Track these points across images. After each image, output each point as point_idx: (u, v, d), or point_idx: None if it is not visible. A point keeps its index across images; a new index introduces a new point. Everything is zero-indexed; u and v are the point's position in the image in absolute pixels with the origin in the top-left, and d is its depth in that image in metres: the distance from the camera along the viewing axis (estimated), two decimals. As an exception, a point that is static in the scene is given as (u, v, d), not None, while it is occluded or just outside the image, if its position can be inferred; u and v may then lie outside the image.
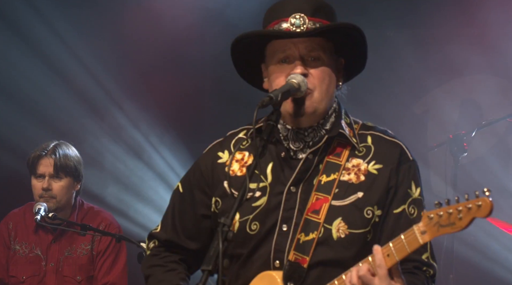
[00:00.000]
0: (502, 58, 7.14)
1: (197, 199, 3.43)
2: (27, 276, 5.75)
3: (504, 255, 6.96)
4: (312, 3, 3.26)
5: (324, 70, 3.24)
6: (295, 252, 3.17)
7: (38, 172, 5.71)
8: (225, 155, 3.44)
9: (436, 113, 7.44)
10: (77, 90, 7.36)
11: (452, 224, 2.84)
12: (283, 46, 3.25)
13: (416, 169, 3.29)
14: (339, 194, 3.20)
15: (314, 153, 3.27)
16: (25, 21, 7.21)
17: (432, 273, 3.21)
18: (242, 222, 3.26)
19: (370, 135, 3.32)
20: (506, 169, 7.29)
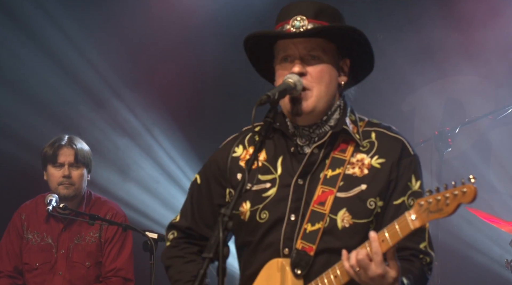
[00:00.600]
0: (484, 61, 7.15)
1: (213, 190, 3.46)
2: (39, 263, 5.79)
3: (485, 243, 6.98)
4: (316, 7, 3.28)
5: (323, 69, 3.25)
6: (302, 240, 3.20)
7: (58, 161, 5.76)
8: (239, 149, 3.46)
9: (422, 111, 7.46)
10: (84, 86, 7.35)
11: (440, 210, 2.88)
12: (285, 46, 3.27)
13: (417, 163, 3.30)
14: (343, 187, 3.22)
15: (319, 147, 3.29)
16: (33, 19, 7.21)
17: (429, 260, 3.23)
18: (253, 211, 3.31)
19: (374, 132, 3.32)
20: (487, 163, 7.32)
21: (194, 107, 7.60)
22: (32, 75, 7.28)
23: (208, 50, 7.49)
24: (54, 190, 5.76)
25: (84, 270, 5.78)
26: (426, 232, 3.23)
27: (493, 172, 7.28)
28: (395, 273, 2.99)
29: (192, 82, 7.54)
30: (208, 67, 7.61)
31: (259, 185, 3.32)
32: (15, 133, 7.10)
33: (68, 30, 7.25)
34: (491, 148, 7.33)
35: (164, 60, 7.43)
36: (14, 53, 7.22)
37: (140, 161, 7.50)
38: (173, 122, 7.47)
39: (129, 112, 7.45)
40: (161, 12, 7.39)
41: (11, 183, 7.10)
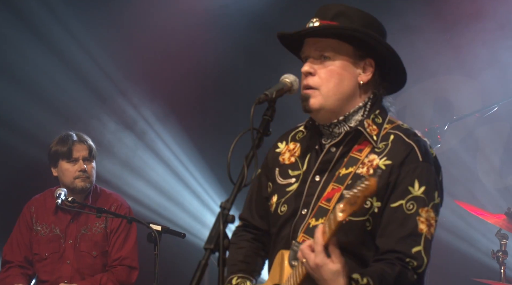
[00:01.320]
0: (471, 61, 7.15)
1: (263, 183, 3.46)
2: (49, 253, 5.80)
3: (472, 234, 6.98)
4: (337, 9, 3.24)
5: (333, 69, 3.20)
6: (304, 234, 3.18)
7: (73, 156, 5.77)
8: (282, 145, 3.45)
9: (412, 109, 7.45)
10: (89, 84, 7.35)
11: (355, 203, 2.83)
12: (303, 47, 3.27)
13: (424, 170, 3.13)
14: (350, 185, 3.13)
15: (336, 146, 3.25)
16: (40, 18, 7.18)
17: (416, 264, 3.07)
18: (277, 203, 3.32)
19: (393, 134, 3.21)
20: (474, 158, 7.32)
21: (196, 104, 7.60)
22: (39, 73, 7.26)
23: (210, 50, 7.48)
24: (70, 184, 5.77)
25: (91, 259, 5.78)
26: (423, 237, 3.10)
27: (480, 166, 7.29)
28: (336, 267, 2.91)
29: (195, 80, 7.53)
30: (210, 67, 7.60)
31: (287, 180, 3.33)
32: (23, 129, 7.10)
33: (75, 29, 7.25)
34: (478, 144, 7.33)
35: (168, 58, 7.42)
36: (22, 51, 7.21)
37: (144, 156, 7.49)
38: (176, 119, 7.47)
39: (133, 108, 7.44)
40: (165, 13, 7.38)
41: (20, 177, 7.09)
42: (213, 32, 7.43)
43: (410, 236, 3.08)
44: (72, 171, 5.77)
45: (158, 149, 7.47)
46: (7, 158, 7.16)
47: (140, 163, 7.48)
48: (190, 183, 7.44)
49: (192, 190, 7.44)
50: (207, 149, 7.41)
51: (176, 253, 6.75)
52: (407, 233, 3.09)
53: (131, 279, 5.80)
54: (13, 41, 7.20)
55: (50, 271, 5.76)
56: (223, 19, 7.32)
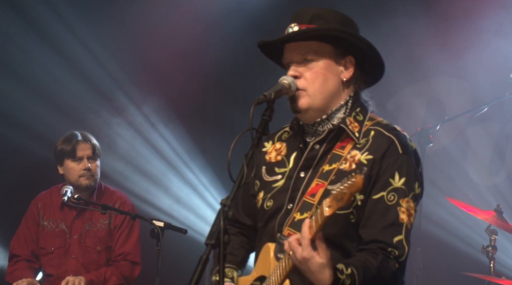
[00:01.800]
0: (462, 63, 7.15)
1: (250, 182, 3.43)
2: (55, 248, 5.80)
3: (463, 230, 6.98)
4: (314, 12, 3.25)
5: (317, 70, 3.22)
6: (289, 228, 3.20)
7: (77, 156, 5.77)
8: (269, 145, 3.47)
9: (406, 110, 7.46)
10: (93, 84, 7.32)
11: (342, 199, 2.85)
12: (285, 53, 3.28)
13: (404, 162, 3.16)
14: (334, 180, 3.15)
15: (319, 143, 3.27)
16: (46, 21, 7.15)
17: (398, 254, 3.10)
18: (263, 199, 3.33)
19: (374, 130, 3.23)
20: (465, 157, 7.32)
21: (198, 104, 7.60)
22: (45, 74, 7.24)
23: (211, 51, 7.48)
24: (75, 182, 5.76)
25: (96, 254, 5.79)
26: (404, 226, 3.12)
27: (470, 165, 7.29)
28: (322, 260, 2.93)
29: (196, 81, 7.53)
30: (211, 68, 7.60)
31: (273, 177, 3.34)
32: (29, 128, 7.08)
33: (80, 31, 7.23)
34: (469, 144, 7.33)
35: (171, 59, 7.41)
36: (28, 52, 7.19)
37: (146, 154, 7.48)
38: (178, 119, 7.46)
39: (135, 108, 7.44)
40: (168, 15, 7.38)
41: (27, 174, 7.09)
42: (215, 34, 7.43)
43: (391, 226, 3.10)
44: (77, 169, 5.77)
45: (161, 147, 7.46)
46: (14, 155, 7.16)
47: (143, 162, 7.47)
48: (192, 181, 7.44)
49: (193, 187, 7.44)
50: (208, 148, 7.41)
51: (178, 248, 6.75)
52: (388, 223, 3.11)
53: (133, 274, 5.81)
54: (19, 42, 7.18)
55: (56, 265, 5.76)
56: (224, 22, 7.32)
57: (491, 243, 5.87)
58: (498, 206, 5.98)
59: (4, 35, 7.15)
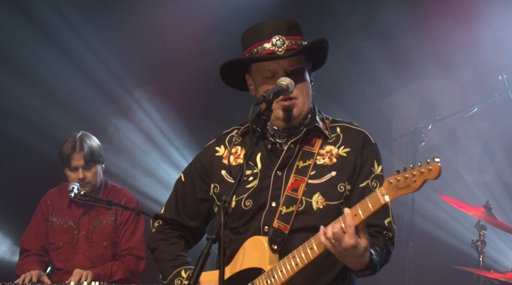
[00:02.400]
0: (453, 66, 7.15)
1: (197, 186, 3.50)
2: (63, 243, 5.80)
3: (454, 225, 6.99)
4: (286, 24, 3.33)
5: (304, 79, 3.32)
6: (278, 221, 3.25)
7: (72, 166, 5.74)
8: (221, 149, 3.52)
9: (399, 110, 7.45)
10: (98, 84, 7.32)
11: (408, 186, 2.89)
12: (268, 65, 3.31)
13: (377, 151, 3.37)
14: (315, 175, 3.29)
15: (294, 143, 3.36)
16: (52, 23, 7.17)
17: (391, 235, 3.27)
18: (238, 200, 3.34)
19: (338, 126, 3.40)
20: (455, 156, 7.31)
21: (198, 103, 7.58)
22: (51, 74, 7.25)
23: (212, 53, 7.47)
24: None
25: (102, 249, 5.78)
26: (389, 209, 3.28)
27: (461, 163, 7.29)
28: (365, 244, 3.01)
29: (197, 81, 7.52)
30: (212, 69, 7.56)
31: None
32: (38, 127, 7.08)
33: (85, 33, 7.24)
34: (459, 142, 7.33)
35: (173, 60, 7.40)
36: (36, 54, 7.19)
37: (151, 153, 7.47)
38: (179, 117, 7.45)
39: (138, 107, 7.43)
40: (171, 18, 7.37)
41: (36, 172, 7.08)
42: (216, 36, 7.41)
43: (381, 210, 3.13)
44: (73, 177, 5.75)
45: (164, 146, 7.45)
46: (24, 154, 7.15)
47: (148, 161, 7.47)
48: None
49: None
50: (209, 146, 7.41)
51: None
52: None
53: (138, 268, 5.81)
54: (27, 45, 7.18)
55: (64, 259, 5.76)
56: (225, 24, 7.31)
57: (480, 238, 5.87)
58: (487, 202, 5.98)
59: (12, 37, 7.15)
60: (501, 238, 6.80)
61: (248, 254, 3.28)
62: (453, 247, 6.92)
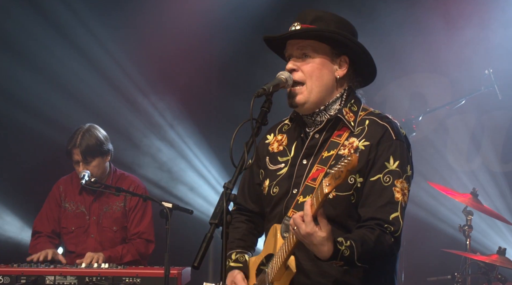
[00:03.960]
0: (442, 61, 7.15)
1: (254, 172, 3.48)
2: (75, 227, 5.81)
3: (443, 211, 6.99)
4: (315, 14, 3.27)
5: (313, 65, 3.23)
6: (293, 210, 3.20)
7: (74, 160, 5.73)
8: (271, 137, 3.48)
9: (391, 102, 7.44)
10: (108, 78, 7.31)
11: (339, 177, 2.83)
12: (287, 47, 3.29)
13: (397, 147, 3.17)
14: (333, 164, 3.12)
15: (319, 132, 3.28)
16: (65, 20, 7.17)
17: (394, 229, 3.09)
18: (269, 186, 3.33)
19: (368, 119, 3.25)
20: (444, 146, 7.31)
21: (203, 96, 7.57)
22: (65, 69, 7.25)
23: (216, 49, 7.45)
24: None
25: (112, 233, 5.78)
26: (399, 204, 3.13)
27: (449, 153, 7.28)
28: (324, 233, 2.92)
29: (201, 75, 7.50)
30: (215, 64, 7.57)
31: (277, 165, 3.35)
32: (52, 119, 7.09)
33: (97, 30, 7.23)
34: (448, 133, 7.33)
35: (178, 56, 7.37)
36: (50, 50, 7.19)
37: (158, 143, 7.47)
38: (184, 109, 7.44)
39: (147, 100, 7.42)
40: (177, 16, 7.35)
41: (49, 160, 7.08)
42: (218, 33, 7.40)
43: (388, 204, 3.12)
44: (77, 170, 5.73)
45: (170, 136, 7.45)
46: (38, 143, 7.16)
47: (154, 150, 7.46)
48: (197, 166, 7.43)
49: (198, 172, 7.43)
50: (212, 136, 7.39)
51: (185, 227, 6.74)
52: (385, 201, 3.13)
53: (148, 251, 5.81)
54: (44, 43, 7.18)
55: (76, 243, 5.77)
56: (228, 22, 7.29)
57: (467, 223, 5.88)
58: (474, 189, 5.98)
59: (30, 36, 7.16)
60: (487, 223, 6.80)
61: (269, 241, 3.28)
62: (442, 231, 6.92)
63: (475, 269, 5.84)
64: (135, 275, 5.08)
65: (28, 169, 7.18)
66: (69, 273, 5.10)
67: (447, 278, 5.90)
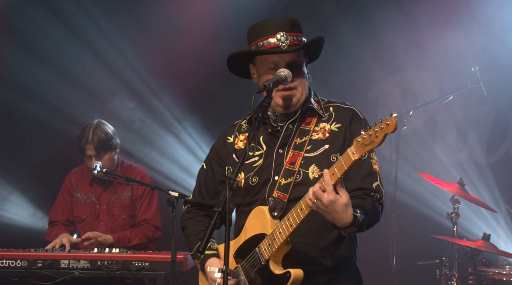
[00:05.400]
0: (431, 59, 7.14)
1: (215, 170, 3.53)
2: (86, 216, 5.82)
3: (431, 200, 6.98)
4: (288, 21, 3.34)
5: (303, 72, 3.34)
6: (277, 191, 3.27)
7: (86, 155, 5.73)
8: (231, 138, 3.54)
9: (384, 98, 7.43)
10: (118, 74, 7.31)
11: (372, 142, 2.89)
12: (272, 58, 3.32)
13: (366, 125, 3.32)
14: (311, 149, 3.30)
15: (292, 123, 3.37)
16: (77, 20, 7.17)
17: (379, 196, 3.24)
18: (246, 178, 3.37)
19: (331, 106, 3.41)
20: (433, 138, 7.30)
21: (207, 92, 7.56)
22: (76, 64, 7.25)
23: (219, 48, 7.44)
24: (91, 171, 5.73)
25: (121, 221, 5.80)
26: (377, 173, 3.28)
27: (438, 145, 7.28)
28: (345, 199, 2.99)
29: (206, 72, 7.49)
30: (219, 62, 7.55)
31: (250, 159, 3.39)
32: (63, 112, 7.08)
33: (107, 30, 7.22)
34: (437, 127, 7.32)
35: (184, 54, 7.37)
36: (61, 46, 7.19)
37: (164, 135, 7.46)
38: (189, 104, 7.43)
39: (154, 96, 7.41)
40: (183, 18, 7.35)
41: (61, 152, 7.08)
42: (222, 33, 7.39)
43: (369, 175, 3.24)
44: (89, 164, 5.73)
45: (175, 129, 7.44)
46: (51, 135, 7.16)
47: (161, 141, 7.46)
48: (201, 157, 7.43)
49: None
50: (215, 129, 7.39)
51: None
52: (366, 173, 3.26)
53: (155, 235, 5.83)
54: (54, 39, 7.18)
55: (88, 230, 5.76)
56: (230, 22, 7.28)
57: (454, 211, 5.89)
58: (461, 179, 5.99)
59: (43, 33, 7.16)
60: (473, 211, 6.81)
61: (253, 223, 3.29)
62: (430, 218, 6.92)
63: (461, 254, 5.86)
64: (143, 259, 5.12)
65: (41, 158, 7.19)
66: (82, 257, 5.13)
67: (435, 262, 5.92)
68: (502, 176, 7.00)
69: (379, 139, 2.87)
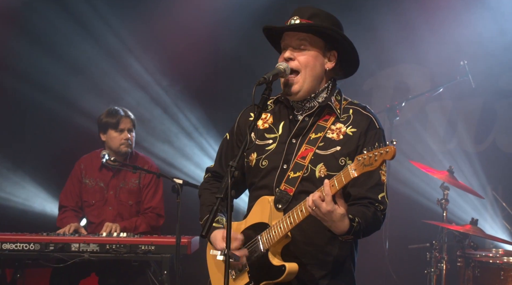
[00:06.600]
0: (423, 53, 7.13)
1: (235, 143, 3.46)
2: (95, 201, 5.82)
3: (422, 186, 6.99)
4: (312, 11, 3.27)
5: (308, 57, 3.24)
6: (285, 184, 3.22)
7: (120, 127, 5.75)
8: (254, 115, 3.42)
9: (378, 90, 7.43)
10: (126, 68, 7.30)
11: (371, 164, 2.87)
12: (284, 40, 3.29)
13: (381, 135, 3.26)
14: (323, 146, 3.22)
15: (309, 116, 3.29)
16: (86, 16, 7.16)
17: (383, 208, 3.18)
18: (257, 159, 3.32)
19: (351, 108, 3.30)
20: (424, 129, 7.31)
21: (209, 83, 7.54)
22: (86, 59, 7.25)
23: (222, 42, 7.43)
24: (116, 148, 5.75)
25: (128, 206, 5.81)
26: (384, 185, 3.20)
27: (429, 135, 7.28)
28: (342, 210, 2.97)
29: (209, 65, 7.47)
30: (221, 55, 7.54)
31: (264, 141, 3.33)
32: (72, 102, 7.08)
33: (115, 24, 7.21)
34: (428, 118, 7.33)
35: (189, 47, 7.35)
36: (71, 41, 7.19)
37: (170, 125, 7.46)
38: (193, 94, 7.42)
39: (159, 87, 7.40)
40: (187, 12, 7.33)
41: (71, 140, 7.08)
42: (225, 28, 7.36)
43: (376, 186, 3.16)
44: (118, 138, 5.74)
45: (180, 120, 7.44)
46: (61, 125, 7.16)
47: (166, 131, 7.46)
48: (204, 147, 7.43)
49: (206, 152, 7.43)
50: (217, 119, 7.38)
51: (194, 201, 6.75)
52: (374, 183, 3.18)
53: (158, 224, 5.84)
54: (64, 33, 7.17)
55: (96, 214, 5.79)
56: (232, 18, 7.26)
57: (444, 197, 5.90)
58: (450, 167, 5.99)
59: (54, 28, 7.15)
60: (461, 197, 6.82)
61: (258, 210, 3.27)
62: (421, 204, 6.94)
63: (450, 238, 5.89)
64: (150, 243, 5.13)
65: (54, 148, 7.19)
66: (92, 241, 5.14)
67: (426, 245, 5.95)
68: (489, 164, 7.01)
69: (377, 164, 2.85)
